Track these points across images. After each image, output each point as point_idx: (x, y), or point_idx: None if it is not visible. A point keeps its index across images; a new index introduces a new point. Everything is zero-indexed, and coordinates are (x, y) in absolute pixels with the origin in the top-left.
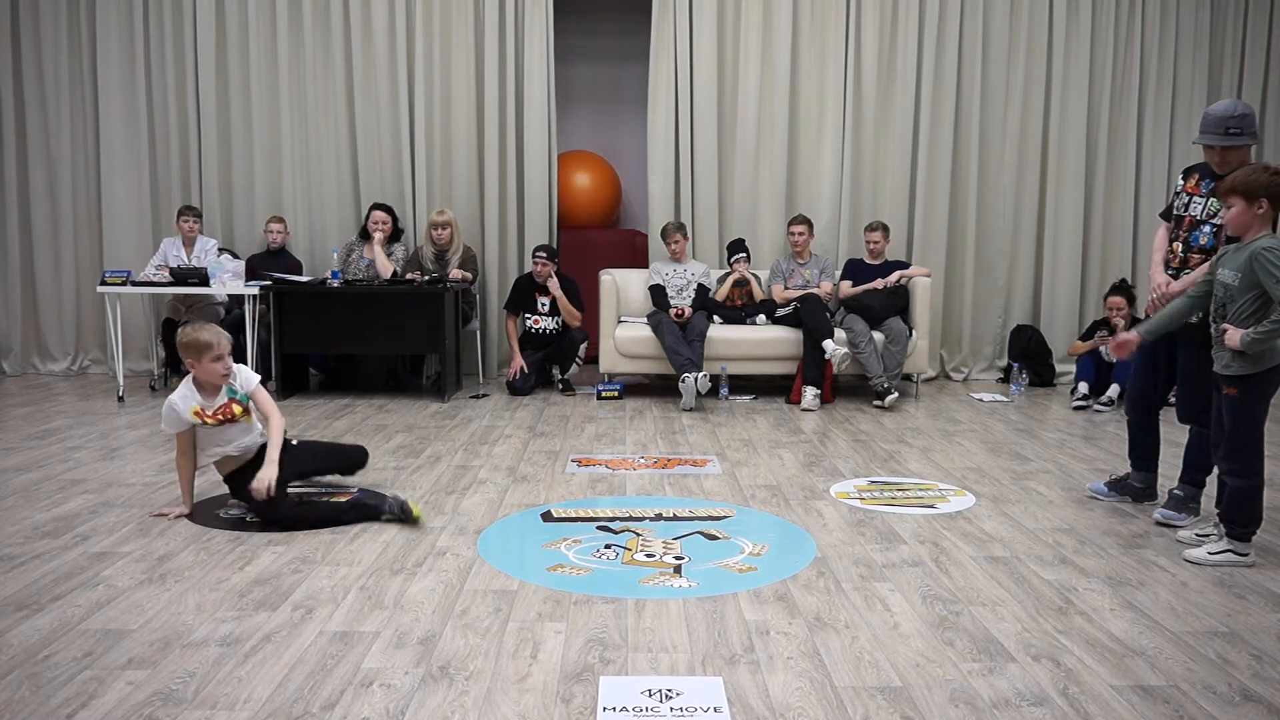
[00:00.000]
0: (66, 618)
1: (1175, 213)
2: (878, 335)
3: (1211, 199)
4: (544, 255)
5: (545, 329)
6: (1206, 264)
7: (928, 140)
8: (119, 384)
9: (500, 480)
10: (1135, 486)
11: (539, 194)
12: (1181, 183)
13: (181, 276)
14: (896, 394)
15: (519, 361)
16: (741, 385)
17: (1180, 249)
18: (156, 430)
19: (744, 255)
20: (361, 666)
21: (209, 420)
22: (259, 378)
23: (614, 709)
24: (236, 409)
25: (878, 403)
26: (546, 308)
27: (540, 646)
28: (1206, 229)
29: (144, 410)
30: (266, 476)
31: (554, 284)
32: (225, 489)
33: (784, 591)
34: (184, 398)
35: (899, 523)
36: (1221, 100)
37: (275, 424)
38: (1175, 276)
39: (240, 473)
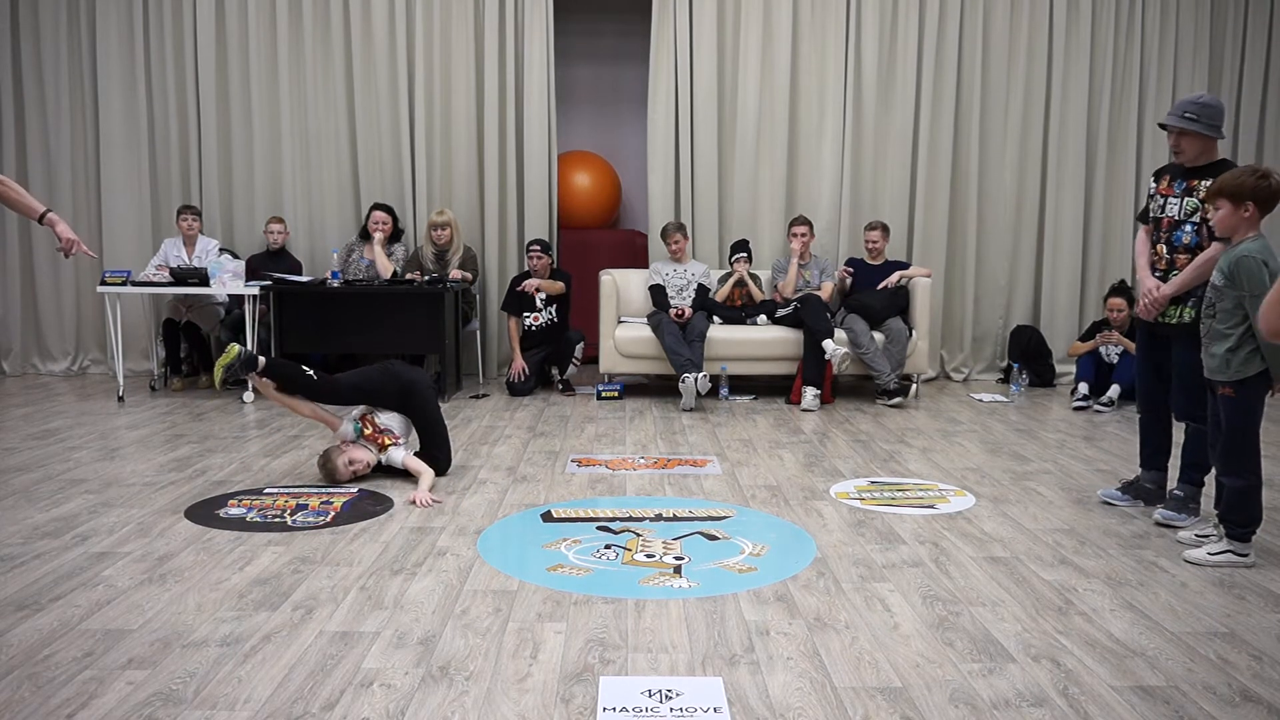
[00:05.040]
0: (66, 618)
1: (1152, 215)
2: (878, 335)
3: (1188, 198)
4: (538, 249)
5: (544, 324)
6: (1196, 262)
7: (928, 140)
8: (119, 384)
9: (500, 480)
10: (1147, 488)
11: (539, 194)
12: (1154, 185)
13: (181, 276)
14: (915, 384)
15: (520, 363)
16: (741, 385)
17: (1165, 250)
18: (156, 430)
19: (745, 255)
20: (361, 666)
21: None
22: (404, 455)
23: (614, 709)
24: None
25: (896, 400)
26: (543, 302)
27: (540, 647)
28: (1188, 228)
29: (144, 410)
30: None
31: (534, 283)
32: (224, 489)
33: (784, 592)
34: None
35: (899, 523)
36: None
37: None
38: (1163, 278)
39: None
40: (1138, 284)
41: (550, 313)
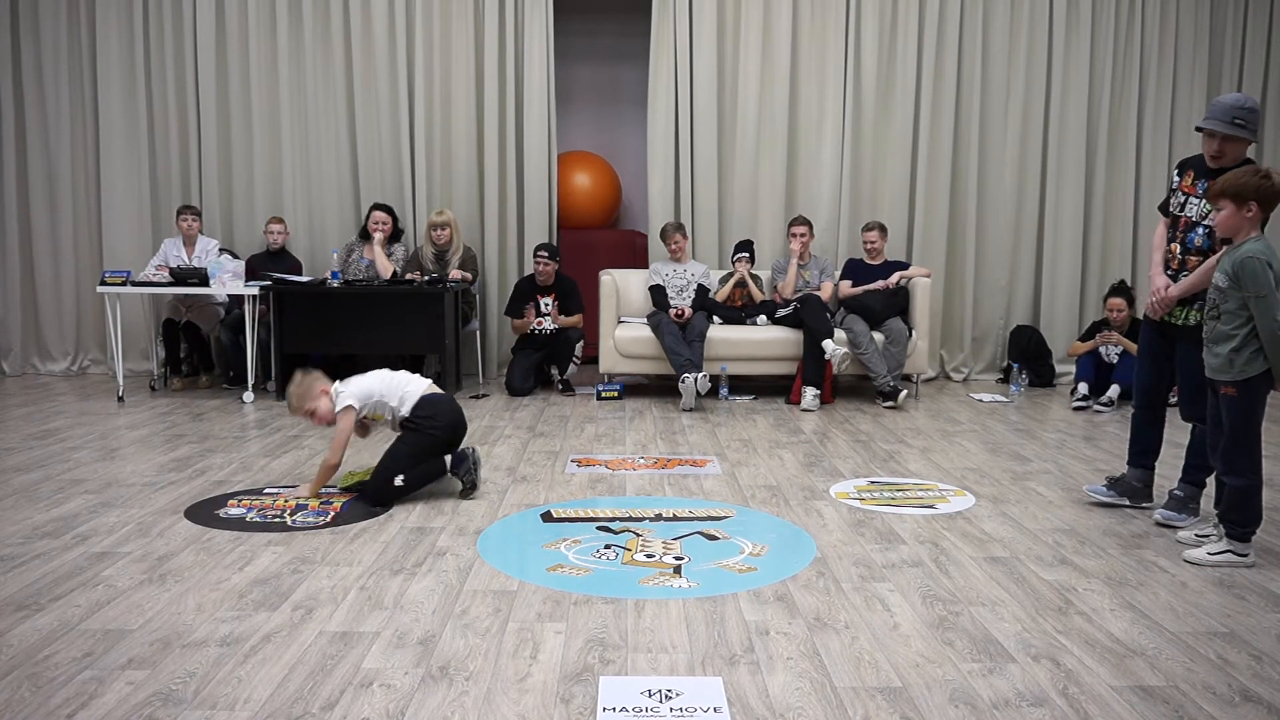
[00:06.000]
0: (66, 618)
1: (1172, 210)
2: (878, 335)
3: (1205, 200)
4: (545, 255)
5: (546, 330)
6: (1206, 265)
7: (928, 140)
8: (119, 384)
9: (500, 480)
10: (1134, 485)
11: (539, 194)
12: (1178, 179)
13: (181, 276)
14: (906, 391)
15: (533, 316)
16: (741, 385)
17: (1178, 250)
18: (156, 430)
19: (746, 255)
20: (361, 666)
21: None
22: (342, 407)
23: (614, 709)
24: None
25: (889, 403)
26: (549, 307)
27: (540, 647)
28: (1201, 230)
29: (144, 410)
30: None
31: (545, 323)
32: (223, 489)
33: (784, 592)
34: None
35: (899, 523)
36: (1231, 93)
37: (322, 466)
38: (1175, 278)
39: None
40: (1150, 280)
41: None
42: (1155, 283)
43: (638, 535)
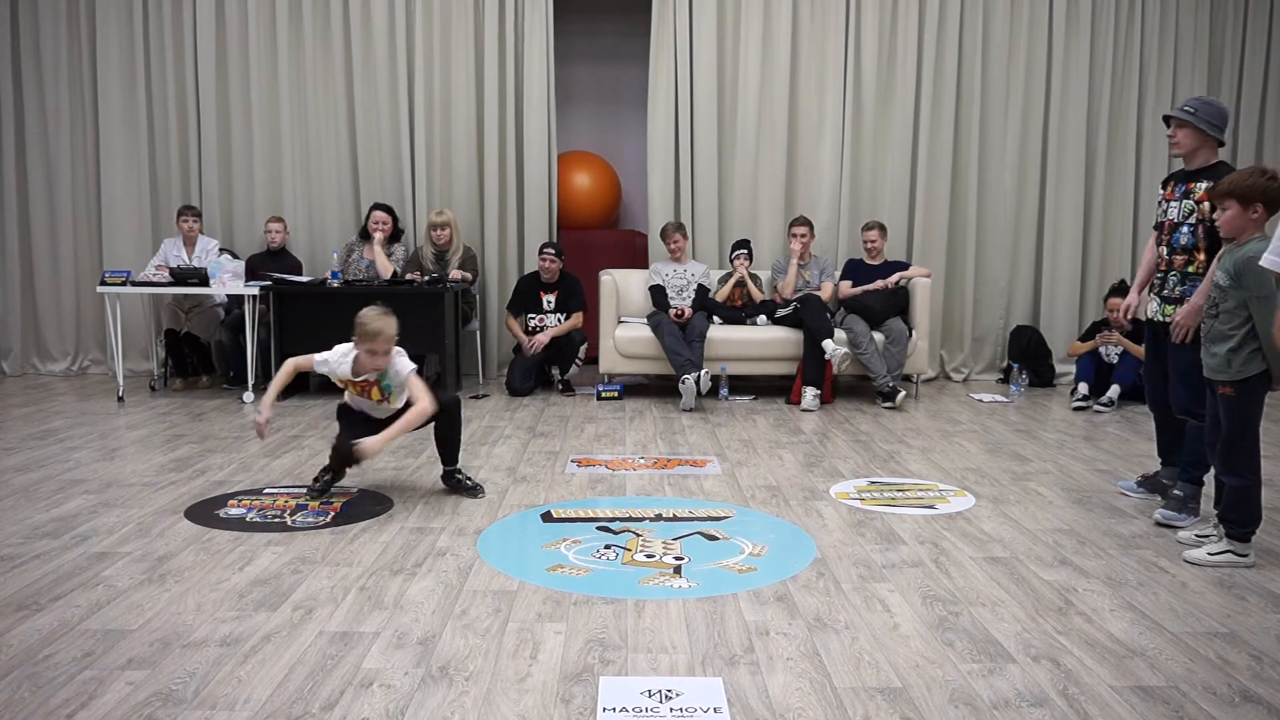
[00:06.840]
0: (66, 618)
1: (1157, 219)
2: (878, 335)
3: (1185, 200)
4: (551, 252)
5: (548, 326)
6: (1213, 268)
7: (928, 140)
8: (119, 384)
9: (500, 480)
10: (1164, 483)
11: (539, 194)
12: (1161, 192)
13: (181, 276)
14: (904, 392)
15: (535, 339)
16: (741, 386)
17: (1165, 253)
18: (156, 430)
19: (745, 253)
20: (361, 666)
21: (351, 387)
22: (413, 368)
23: (614, 709)
24: (375, 393)
25: (888, 404)
26: (551, 305)
27: (540, 647)
28: (1185, 229)
29: (144, 410)
30: (370, 445)
31: (543, 338)
32: (224, 489)
33: (784, 592)
34: (345, 355)
35: (899, 523)
36: None
37: (417, 410)
38: (1164, 279)
39: (354, 423)
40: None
41: (558, 318)
42: (1129, 297)
43: (638, 535)
